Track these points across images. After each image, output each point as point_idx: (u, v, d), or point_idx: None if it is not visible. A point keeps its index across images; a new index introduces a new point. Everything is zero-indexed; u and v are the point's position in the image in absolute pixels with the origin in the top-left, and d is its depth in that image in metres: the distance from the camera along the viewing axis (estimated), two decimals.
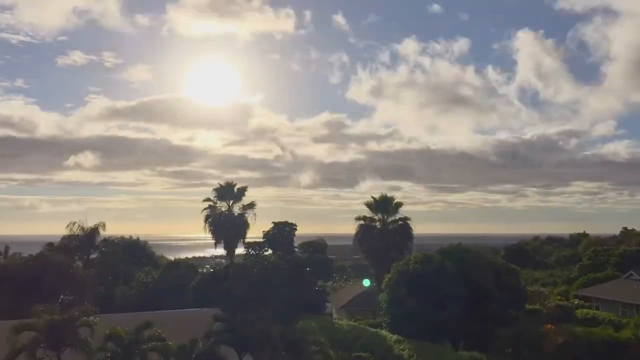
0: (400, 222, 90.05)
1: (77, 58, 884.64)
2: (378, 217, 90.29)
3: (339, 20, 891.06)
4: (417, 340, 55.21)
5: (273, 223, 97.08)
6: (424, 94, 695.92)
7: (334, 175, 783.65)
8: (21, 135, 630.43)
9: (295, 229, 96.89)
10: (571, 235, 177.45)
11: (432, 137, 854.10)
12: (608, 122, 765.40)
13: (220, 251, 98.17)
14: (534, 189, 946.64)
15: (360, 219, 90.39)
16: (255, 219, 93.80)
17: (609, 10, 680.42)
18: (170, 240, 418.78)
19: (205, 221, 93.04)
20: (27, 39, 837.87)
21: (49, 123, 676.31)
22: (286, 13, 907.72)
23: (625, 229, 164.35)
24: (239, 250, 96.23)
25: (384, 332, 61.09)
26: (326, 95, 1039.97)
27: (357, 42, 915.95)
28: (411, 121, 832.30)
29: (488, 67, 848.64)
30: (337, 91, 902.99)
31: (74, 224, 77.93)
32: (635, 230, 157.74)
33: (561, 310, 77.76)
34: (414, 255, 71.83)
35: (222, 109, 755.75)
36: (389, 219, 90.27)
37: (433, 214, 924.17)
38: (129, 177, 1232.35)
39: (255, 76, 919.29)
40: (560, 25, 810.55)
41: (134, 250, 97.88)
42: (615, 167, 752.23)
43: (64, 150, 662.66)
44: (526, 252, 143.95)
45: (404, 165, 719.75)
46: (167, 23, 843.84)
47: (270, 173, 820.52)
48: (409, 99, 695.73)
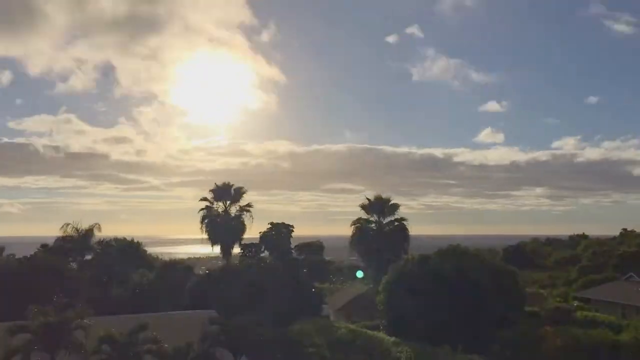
0: (396, 223, 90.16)
1: None
2: (374, 219, 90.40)
3: None
4: (415, 343, 55.24)
5: (270, 224, 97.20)
6: None
7: None
8: None
9: (292, 230, 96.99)
10: (570, 237, 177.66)
11: None
12: None
13: (216, 252, 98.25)
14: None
15: (356, 222, 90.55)
16: (252, 220, 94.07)
17: None
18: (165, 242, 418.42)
19: (202, 222, 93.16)
20: None
21: None
22: None
23: (624, 230, 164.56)
24: (236, 252, 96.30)
25: (381, 335, 61.13)
26: None
27: None
28: None
29: None
30: None
31: (68, 225, 77.94)
32: (635, 231, 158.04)
33: (560, 312, 77.75)
34: (411, 256, 71.92)
35: None
36: (385, 220, 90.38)
37: (431, 215, 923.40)
38: None
39: None
40: None
41: (128, 252, 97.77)
42: None
43: None
44: (525, 254, 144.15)
45: None
46: None
47: None
48: None
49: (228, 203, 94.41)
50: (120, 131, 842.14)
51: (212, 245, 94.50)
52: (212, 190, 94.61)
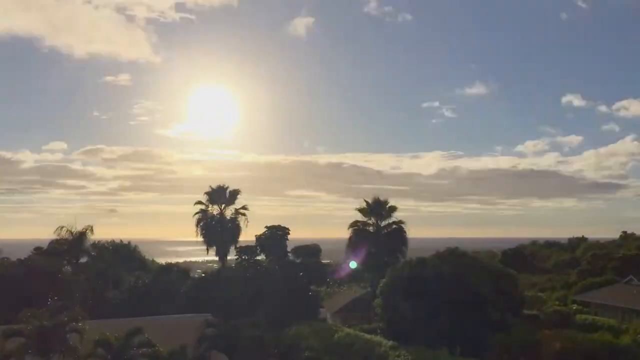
0: (394, 226, 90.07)
1: None
2: (372, 221, 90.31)
3: None
4: (413, 347, 55.21)
5: (266, 227, 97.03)
6: None
7: None
8: None
9: (288, 233, 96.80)
10: (569, 239, 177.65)
11: None
12: None
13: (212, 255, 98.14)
14: None
15: (353, 225, 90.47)
16: (247, 223, 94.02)
17: None
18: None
19: (197, 225, 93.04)
20: None
21: None
22: None
23: (624, 232, 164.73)
24: (231, 255, 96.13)
25: (378, 338, 61.04)
26: None
27: None
28: None
29: None
30: None
31: (62, 228, 77.88)
32: (635, 234, 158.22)
33: (559, 316, 77.91)
34: (409, 259, 71.92)
35: None
36: (383, 223, 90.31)
37: (429, 217, 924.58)
38: None
39: None
40: None
41: (123, 254, 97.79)
42: None
43: None
44: (524, 256, 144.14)
45: None
46: None
47: None
48: None
49: (223, 206, 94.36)
50: None
51: (208, 249, 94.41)
52: (207, 193, 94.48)
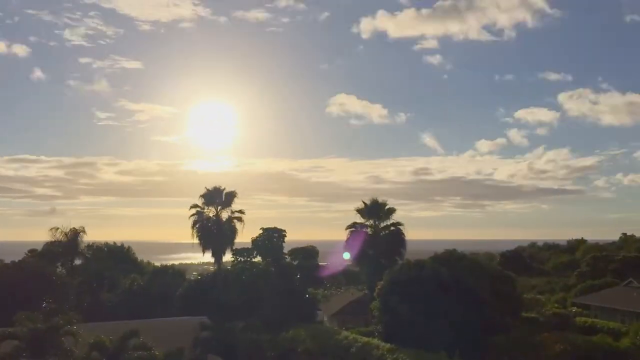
0: (392, 228, 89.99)
1: None
2: (369, 223, 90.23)
3: None
4: (411, 349, 55.19)
5: (262, 229, 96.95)
6: None
7: None
8: None
9: (284, 235, 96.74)
10: (569, 241, 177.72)
11: None
12: None
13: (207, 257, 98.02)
14: None
15: (351, 227, 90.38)
16: (243, 225, 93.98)
17: None
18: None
19: (193, 227, 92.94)
20: None
21: None
22: None
23: (624, 234, 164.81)
24: (227, 257, 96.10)
25: (376, 341, 60.99)
26: None
27: None
28: None
29: None
30: None
31: (56, 229, 77.82)
32: (635, 236, 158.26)
33: (559, 318, 77.96)
34: (407, 261, 71.86)
35: None
36: (381, 225, 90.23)
37: (427, 220, 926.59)
38: None
39: None
40: None
41: (119, 256, 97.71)
42: None
43: None
44: (523, 259, 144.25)
45: None
46: None
47: None
48: None
49: (219, 208, 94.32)
50: None
51: (203, 251, 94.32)
52: (203, 195, 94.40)
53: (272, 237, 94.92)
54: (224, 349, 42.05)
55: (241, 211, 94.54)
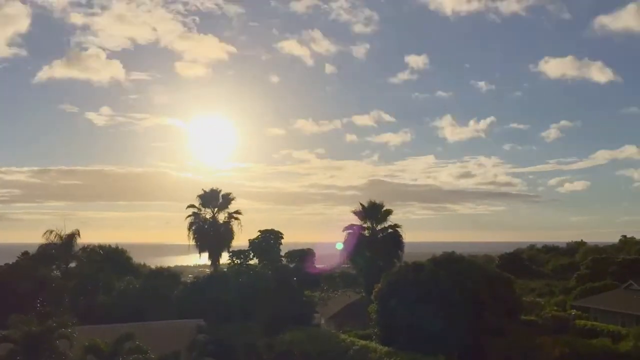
0: (390, 230, 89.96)
1: None
2: (367, 225, 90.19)
3: None
4: (409, 353, 55.24)
5: (259, 231, 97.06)
6: None
7: None
8: None
9: (281, 237, 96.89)
10: (568, 244, 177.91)
11: None
12: None
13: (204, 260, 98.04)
14: None
15: (348, 229, 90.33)
16: (240, 227, 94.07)
17: None
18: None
19: (189, 229, 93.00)
20: None
21: None
22: None
23: (624, 237, 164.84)
24: (224, 259, 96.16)
25: (374, 344, 61.03)
26: None
27: None
28: None
29: None
30: None
31: (51, 232, 77.75)
32: (634, 238, 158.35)
33: (558, 321, 78.00)
34: (405, 263, 71.86)
35: None
36: (379, 227, 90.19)
37: (425, 221, 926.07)
38: None
39: None
40: None
41: (114, 258, 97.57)
42: None
43: None
44: (521, 261, 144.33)
45: None
46: None
47: None
48: None
49: (216, 210, 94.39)
50: None
51: (200, 253, 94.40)
52: (200, 196, 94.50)
53: (269, 239, 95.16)
54: (220, 352, 42.06)
55: (238, 211, 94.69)
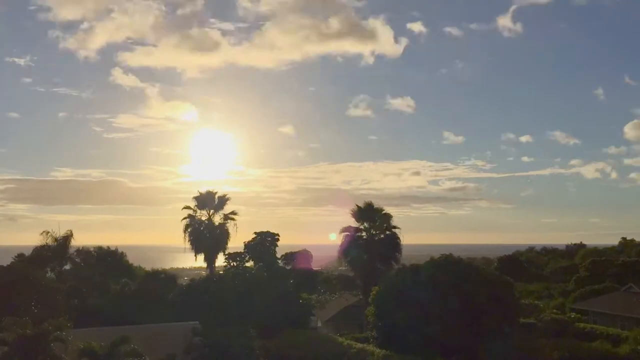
0: (387, 232, 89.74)
1: None
2: (364, 227, 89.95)
3: None
4: (406, 356, 55.33)
5: (255, 233, 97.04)
6: None
7: None
8: None
9: (277, 239, 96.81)
10: (567, 246, 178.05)
11: None
12: None
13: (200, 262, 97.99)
14: None
15: (345, 231, 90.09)
16: (236, 229, 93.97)
17: None
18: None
19: (185, 231, 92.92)
20: None
21: None
22: None
23: (624, 239, 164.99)
24: (220, 261, 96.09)
25: (371, 347, 61.11)
26: None
27: None
28: None
29: None
30: None
31: (47, 233, 77.74)
32: (634, 240, 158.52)
33: (557, 324, 78.09)
34: (402, 266, 71.86)
35: None
36: (376, 229, 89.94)
37: (424, 223, 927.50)
38: None
39: None
40: None
41: (109, 261, 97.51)
42: None
43: None
44: (520, 263, 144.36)
45: None
46: None
47: None
48: None
49: (211, 211, 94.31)
50: None
51: (196, 255, 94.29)
52: (195, 198, 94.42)
53: (265, 241, 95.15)
54: (216, 355, 42.05)
55: (234, 212, 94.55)
